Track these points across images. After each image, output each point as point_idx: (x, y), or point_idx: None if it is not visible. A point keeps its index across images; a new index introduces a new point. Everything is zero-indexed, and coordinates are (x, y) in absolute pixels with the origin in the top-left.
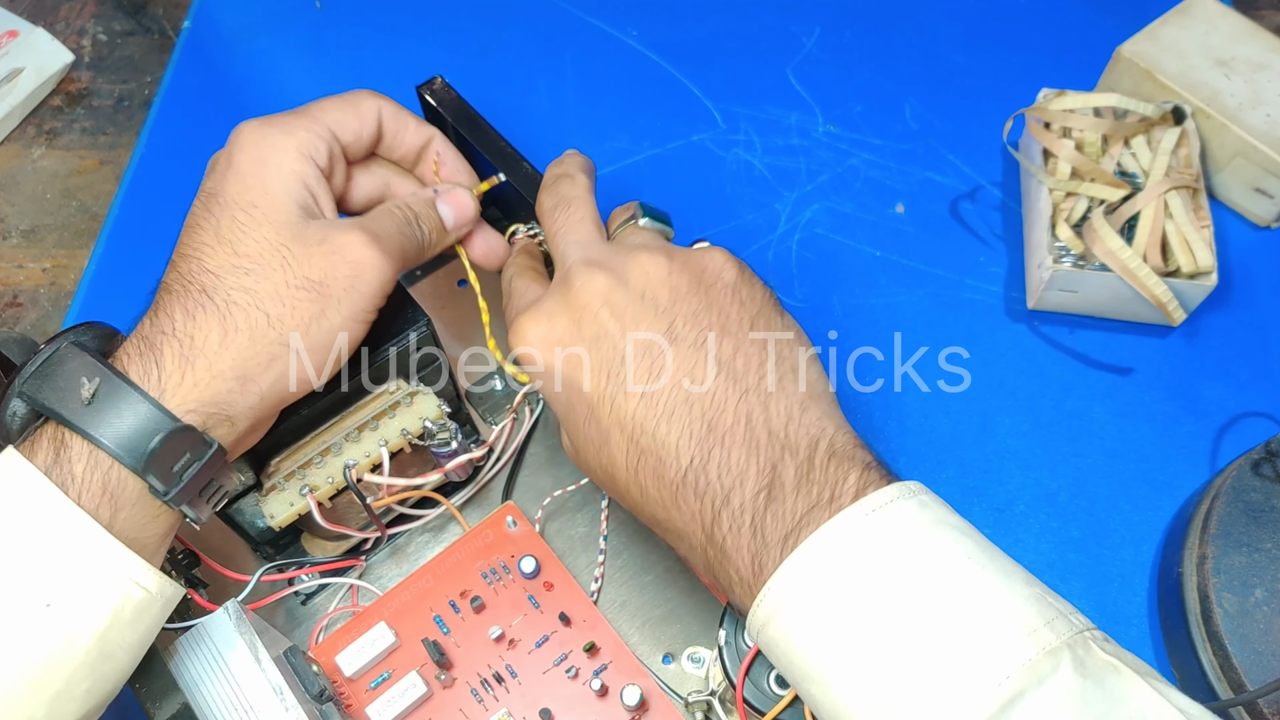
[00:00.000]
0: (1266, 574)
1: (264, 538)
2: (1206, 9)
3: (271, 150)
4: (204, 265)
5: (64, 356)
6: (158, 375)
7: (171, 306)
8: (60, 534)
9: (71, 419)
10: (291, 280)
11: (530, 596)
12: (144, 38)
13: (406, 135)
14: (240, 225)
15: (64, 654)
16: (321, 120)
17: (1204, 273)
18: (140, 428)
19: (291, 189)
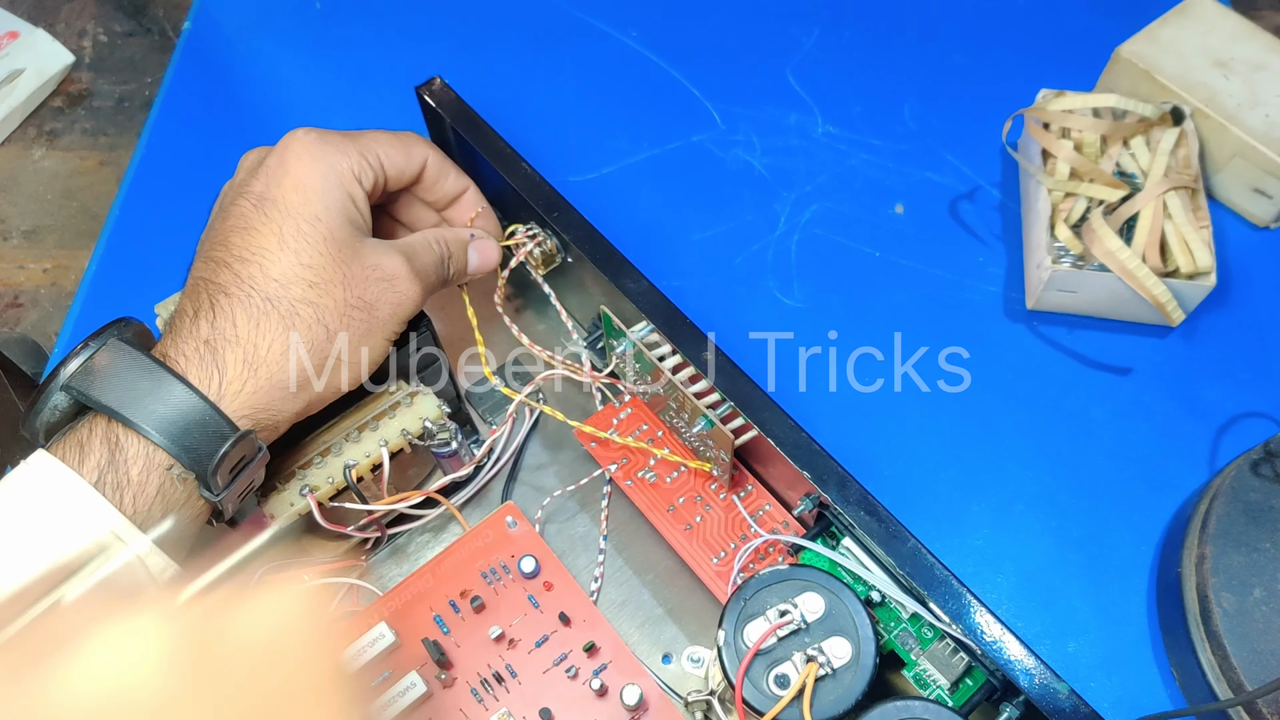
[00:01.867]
0: (1265, 574)
1: None
2: (1205, 9)
3: (330, 168)
4: (267, 272)
5: (114, 353)
6: (219, 380)
7: (233, 310)
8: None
9: (132, 419)
10: (349, 299)
11: (530, 596)
12: (144, 38)
13: (446, 184)
14: (305, 236)
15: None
16: (373, 150)
17: (1203, 273)
18: (204, 432)
19: (348, 209)
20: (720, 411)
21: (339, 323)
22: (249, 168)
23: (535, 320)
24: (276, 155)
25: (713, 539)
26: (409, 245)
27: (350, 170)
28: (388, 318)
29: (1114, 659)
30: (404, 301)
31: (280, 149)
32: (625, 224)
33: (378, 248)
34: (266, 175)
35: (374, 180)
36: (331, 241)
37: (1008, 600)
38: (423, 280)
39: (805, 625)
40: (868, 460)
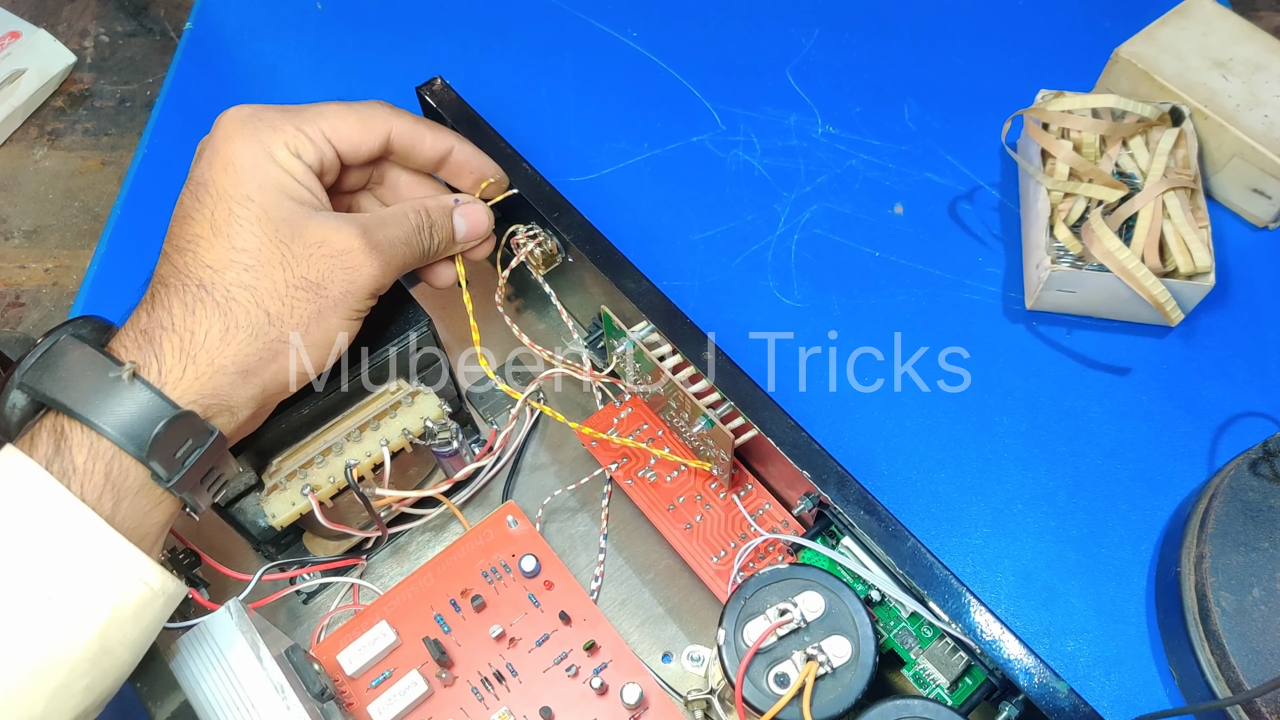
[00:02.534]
0: (1264, 573)
1: (265, 537)
2: (1204, 10)
3: (259, 145)
4: (200, 259)
5: (64, 348)
6: (158, 368)
7: (169, 300)
8: (62, 528)
9: (73, 408)
10: (290, 280)
11: (530, 595)
12: (146, 39)
13: (423, 149)
14: (237, 218)
15: (64, 649)
16: (316, 124)
17: (1201, 273)
18: (142, 415)
19: (285, 184)
20: (720, 411)
21: (280, 305)
22: (195, 155)
23: (535, 320)
24: (209, 137)
25: (713, 538)
26: (374, 218)
27: (284, 144)
28: (340, 295)
29: (1113, 658)
30: (358, 278)
31: (212, 131)
32: (625, 224)
33: (328, 222)
34: (201, 160)
35: (319, 155)
36: (267, 221)
37: (1007, 599)
38: (384, 254)
39: (805, 624)
40: (867, 460)
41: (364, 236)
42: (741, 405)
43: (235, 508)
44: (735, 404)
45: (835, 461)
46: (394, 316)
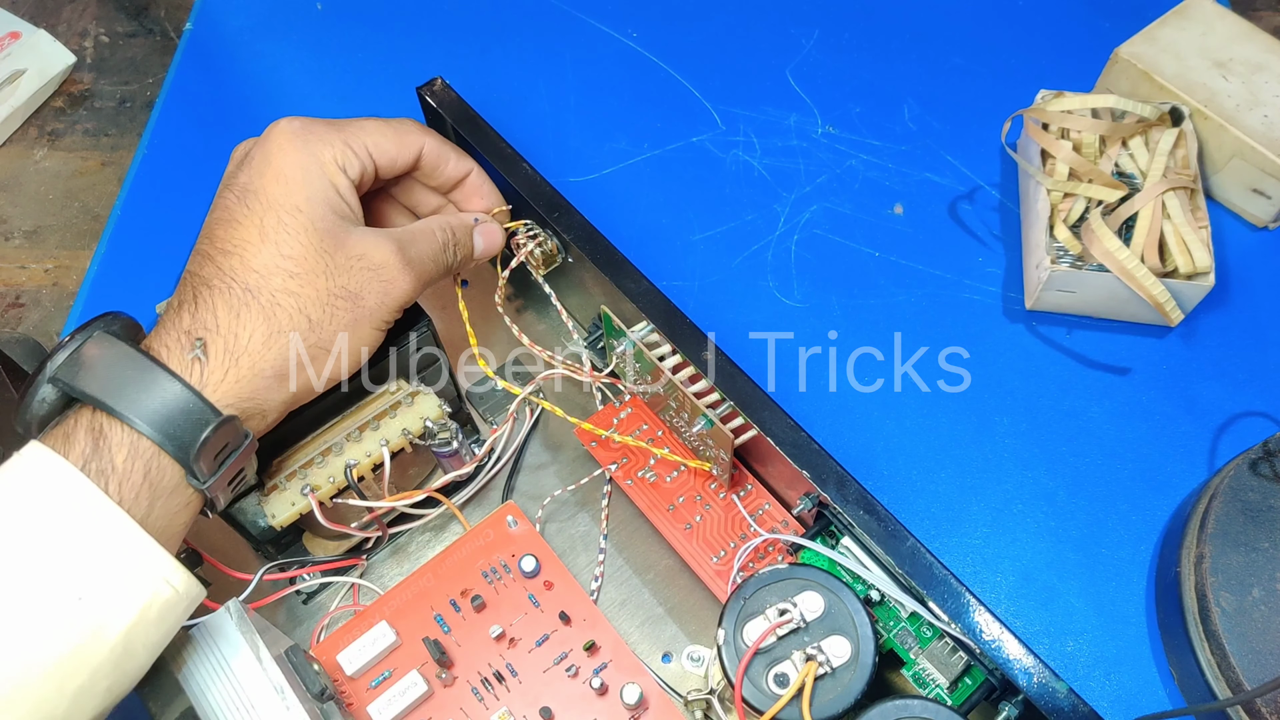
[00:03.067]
0: (1264, 573)
1: (265, 537)
2: (1204, 10)
3: (312, 158)
4: (248, 263)
5: (100, 344)
6: (200, 370)
7: (214, 302)
8: (96, 530)
9: (115, 406)
10: (333, 289)
11: (530, 595)
12: (146, 39)
13: (446, 169)
14: (286, 227)
15: (91, 648)
16: (361, 140)
17: (1201, 273)
18: (186, 417)
19: (331, 198)
20: (720, 411)
21: (322, 313)
22: (237, 159)
23: (535, 320)
24: (260, 146)
25: (712, 538)
26: (407, 234)
27: (334, 160)
28: (375, 307)
29: (1113, 658)
30: (393, 291)
31: (264, 139)
32: (625, 224)
33: (366, 236)
34: (250, 167)
35: (361, 169)
36: (313, 232)
37: (1006, 599)
38: (416, 269)
39: (805, 624)
40: (867, 460)
41: (399, 253)
42: (741, 405)
43: (235, 508)
44: (735, 404)
45: (835, 461)
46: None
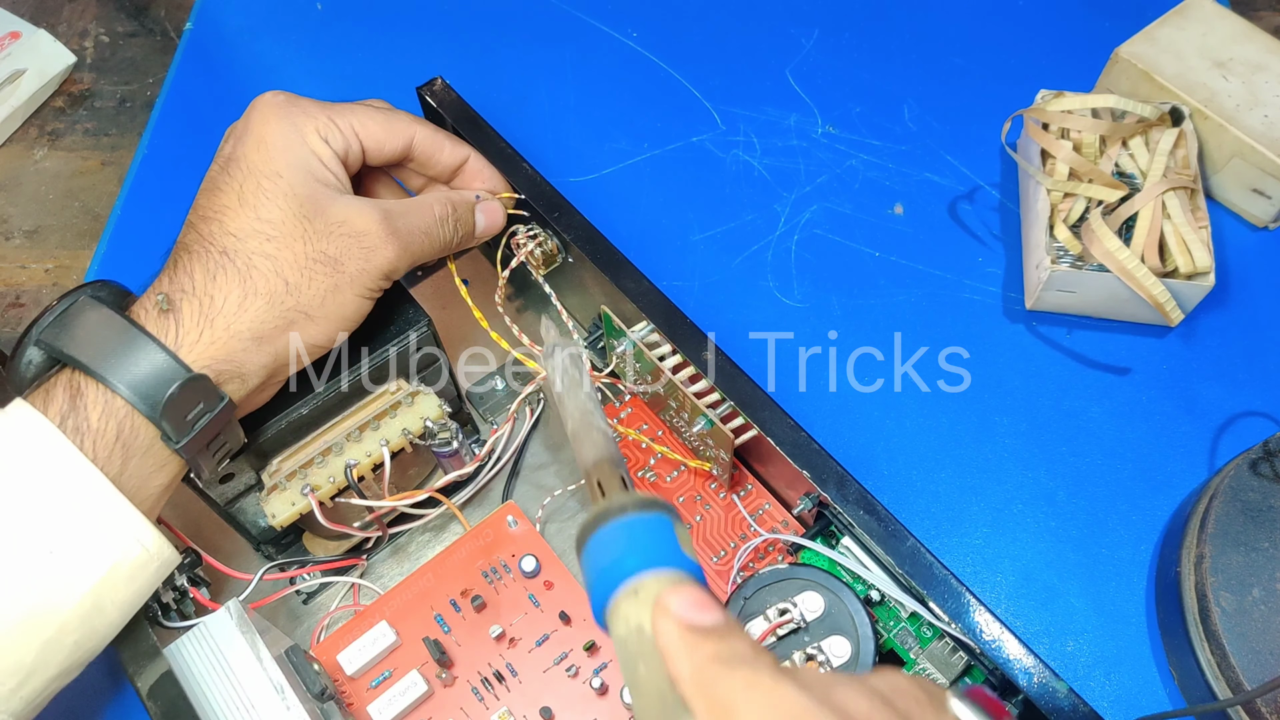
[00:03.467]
0: (1264, 573)
1: (265, 537)
2: (1204, 10)
3: (293, 126)
4: (225, 228)
5: (82, 308)
6: (175, 331)
7: (191, 265)
8: (68, 486)
9: (90, 365)
10: (310, 252)
11: (531, 595)
12: (146, 39)
13: (441, 156)
14: (264, 191)
15: (60, 601)
16: (346, 118)
17: (1201, 273)
18: (157, 376)
19: (312, 165)
20: (720, 411)
21: (299, 275)
22: (227, 135)
23: (536, 320)
24: (244, 117)
25: (712, 538)
26: (400, 204)
27: (315, 130)
28: (356, 273)
29: (1113, 658)
30: (374, 258)
31: (248, 111)
32: (625, 224)
33: (351, 204)
34: (234, 137)
35: (345, 145)
36: (292, 197)
37: (1006, 599)
38: (402, 239)
39: (805, 624)
40: (867, 460)
41: (384, 221)
42: (741, 405)
43: (235, 508)
44: (735, 404)
45: (835, 461)
46: (394, 316)
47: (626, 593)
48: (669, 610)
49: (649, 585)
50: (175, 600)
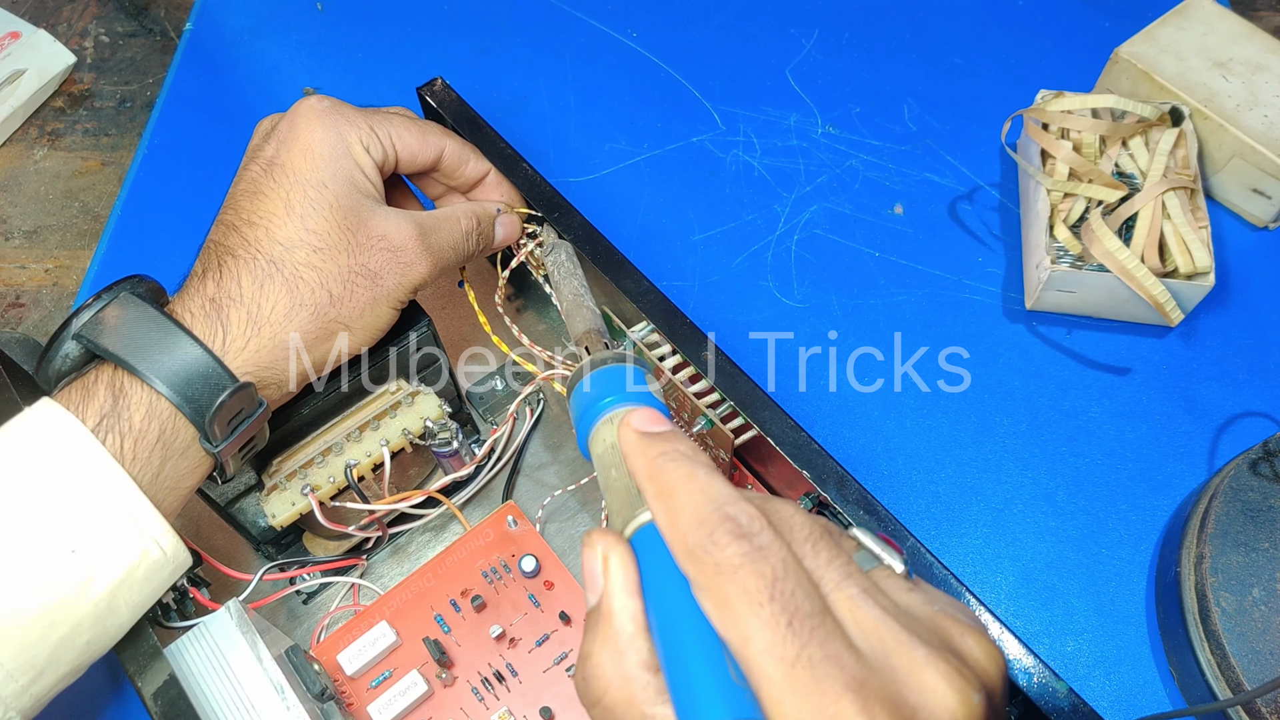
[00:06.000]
0: (1264, 573)
1: (265, 537)
2: (1204, 10)
3: (338, 136)
4: (273, 235)
5: (125, 306)
6: (223, 336)
7: (238, 271)
8: (93, 485)
9: (137, 366)
10: (354, 266)
11: (531, 595)
12: (146, 39)
13: (467, 170)
14: (311, 201)
15: (76, 600)
16: (386, 127)
17: (1201, 273)
18: (205, 381)
19: (355, 176)
20: (720, 411)
21: (342, 288)
22: (263, 132)
23: (535, 320)
24: (288, 121)
25: None
26: (430, 219)
27: (358, 140)
28: (393, 288)
29: (1113, 658)
30: (410, 274)
31: (291, 114)
32: (625, 224)
33: (389, 217)
34: (277, 140)
35: (383, 154)
36: (337, 208)
37: (1006, 599)
38: (435, 255)
39: None
40: (867, 460)
41: (420, 238)
42: (741, 405)
43: (235, 508)
44: (735, 404)
45: (835, 461)
46: None
47: (604, 421)
48: (630, 424)
49: (621, 413)
50: (175, 600)
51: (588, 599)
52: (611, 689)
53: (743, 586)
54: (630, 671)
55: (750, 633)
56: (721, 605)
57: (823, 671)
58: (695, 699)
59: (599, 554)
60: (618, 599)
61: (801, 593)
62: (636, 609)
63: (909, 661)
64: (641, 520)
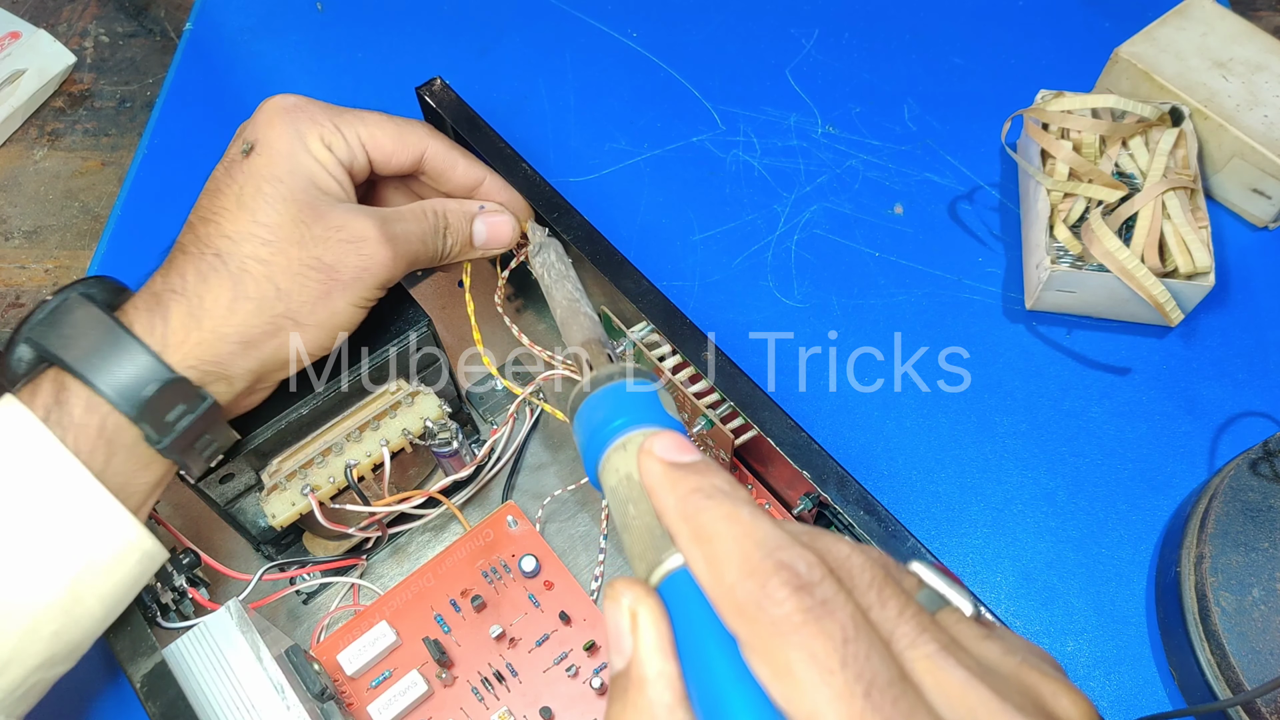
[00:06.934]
0: (1264, 573)
1: (265, 537)
2: (1204, 10)
3: (297, 133)
4: (221, 229)
5: (71, 306)
6: (162, 330)
7: (184, 266)
8: (47, 477)
9: (73, 365)
10: (305, 259)
11: (531, 595)
12: (146, 39)
13: (455, 174)
14: (264, 195)
15: (36, 592)
16: (355, 127)
17: (1201, 273)
18: (137, 376)
19: (315, 172)
20: (720, 411)
21: (291, 281)
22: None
23: (535, 320)
24: (252, 119)
25: None
26: (394, 212)
27: (319, 137)
28: (351, 280)
29: (1113, 658)
30: (371, 265)
31: (255, 114)
32: (625, 225)
33: (349, 211)
34: (241, 139)
35: (349, 153)
36: (290, 201)
37: (1007, 599)
38: (399, 246)
39: None
40: (867, 460)
41: (381, 227)
42: (741, 405)
43: (235, 508)
44: (735, 404)
45: (835, 461)
46: (394, 316)
47: (616, 447)
48: (653, 452)
49: (636, 439)
50: (174, 600)
51: (612, 661)
52: None
53: (808, 650)
54: None
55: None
56: (783, 673)
57: None
58: None
59: (625, 608)
60: (651, 663)
61: (877, 656)
62: (674, 674)
63: None
64: (671, 566)
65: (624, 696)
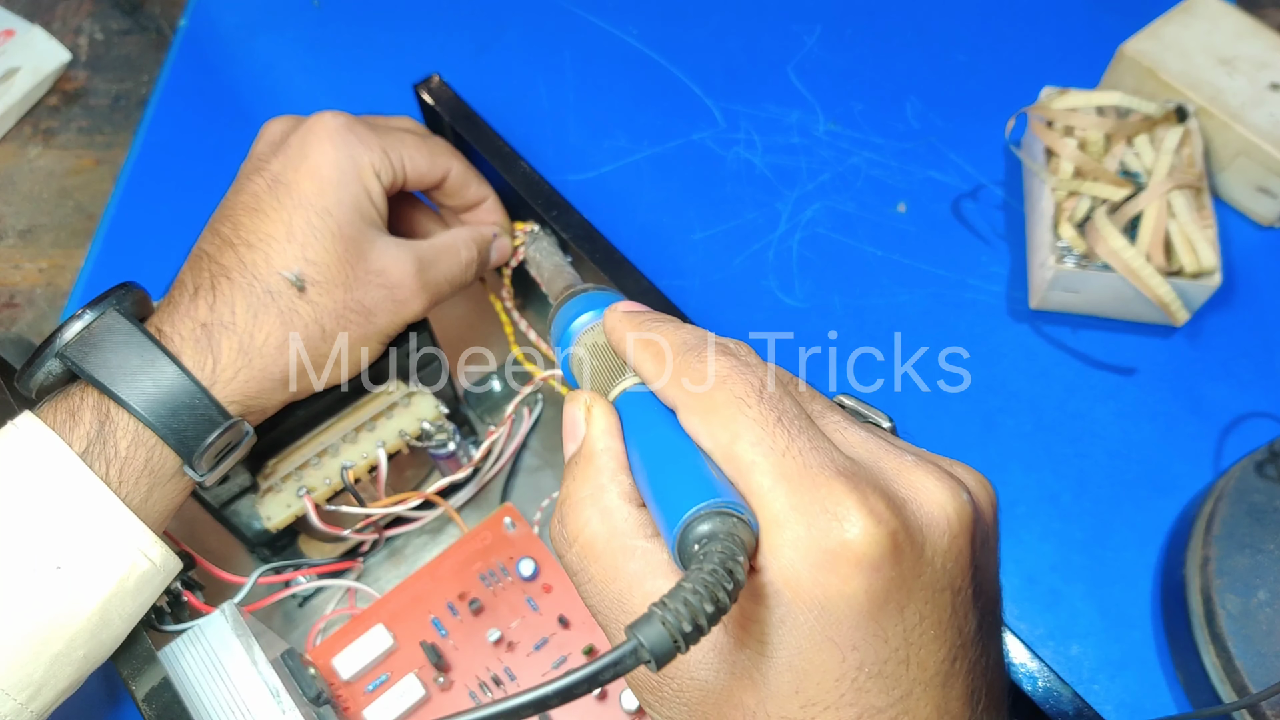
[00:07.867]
0: (1270, 575)
1: (260, 539)
2: (1210, 7)
3: (350, 160)
4: (271, 261)
5: (112, 328)
6: (212, 366)
7: (234, 296)
8: (76, 502)
9: (125, 399)
10: (349, 301)
11: (529, 599)
12: (141, 36)
13: (467, 193)
14: (314, 229)
15: (68, 617)
16: (399, 150)
17: (1207, 272)
18: (194, 415)
19: (361, 203)
20: None
21: (336, 324)
22: (271, 140)
23: (536, 320)
24: (299, 136)
25: None
26: (431, 249)
27: (370, 165)
28: (385, 324)
29: (1118, 661)
30: (403, 311)
31: (304, 130)
32: (625, 223)
33: (388, 250)
34: (285, 156)
35: (393, 178)
36: (340, 239)
37: (1011, 602)
38: (430, 291)
39: None
40: None
41: (418, 274)
42: None
43: (230, 510)
44: None
45: None
46: None
47: (584, 332)
48: (616, 309)
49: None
50: (169, 604)
51: (566, 449)
52: (592, 523)
53: (731, 392)
54: (611, 504)
55: (740, 430)
56: (709, 412)
57: (813, 460)
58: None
59: (581, 404)
60: (599, 440)
61: (789, 400)
62: (618, 449)
63: (897, 465)
64: (623, 386)
65: (573, 469)
